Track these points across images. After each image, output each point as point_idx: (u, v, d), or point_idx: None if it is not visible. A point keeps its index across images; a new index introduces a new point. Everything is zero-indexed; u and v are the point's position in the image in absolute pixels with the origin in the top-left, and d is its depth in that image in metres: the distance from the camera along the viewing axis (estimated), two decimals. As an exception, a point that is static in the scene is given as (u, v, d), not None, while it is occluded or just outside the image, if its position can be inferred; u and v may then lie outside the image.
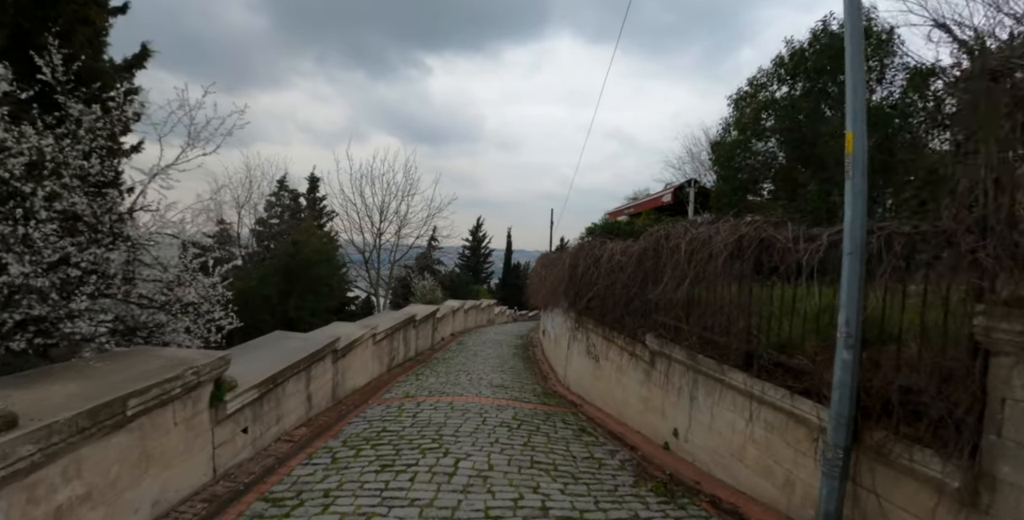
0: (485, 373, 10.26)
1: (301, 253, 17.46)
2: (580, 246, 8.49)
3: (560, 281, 10.12)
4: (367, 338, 8.71)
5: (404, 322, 11.32)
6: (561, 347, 10.78)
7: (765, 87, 10.06)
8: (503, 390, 8.36)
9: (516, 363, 12.48)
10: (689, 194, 10.80)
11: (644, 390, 6.29)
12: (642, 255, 5.91)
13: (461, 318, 20.64)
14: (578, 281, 8.29)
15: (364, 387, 8.55)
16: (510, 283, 54.62)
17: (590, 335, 8.29)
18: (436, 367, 11.06)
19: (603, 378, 7.69)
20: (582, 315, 8.47)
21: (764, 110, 9.78)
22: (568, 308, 9.44)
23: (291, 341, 6.63)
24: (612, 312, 7.02)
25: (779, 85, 9.79)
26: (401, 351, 11.35)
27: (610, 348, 7.29)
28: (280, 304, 17.14)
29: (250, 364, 5.37)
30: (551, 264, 13.04)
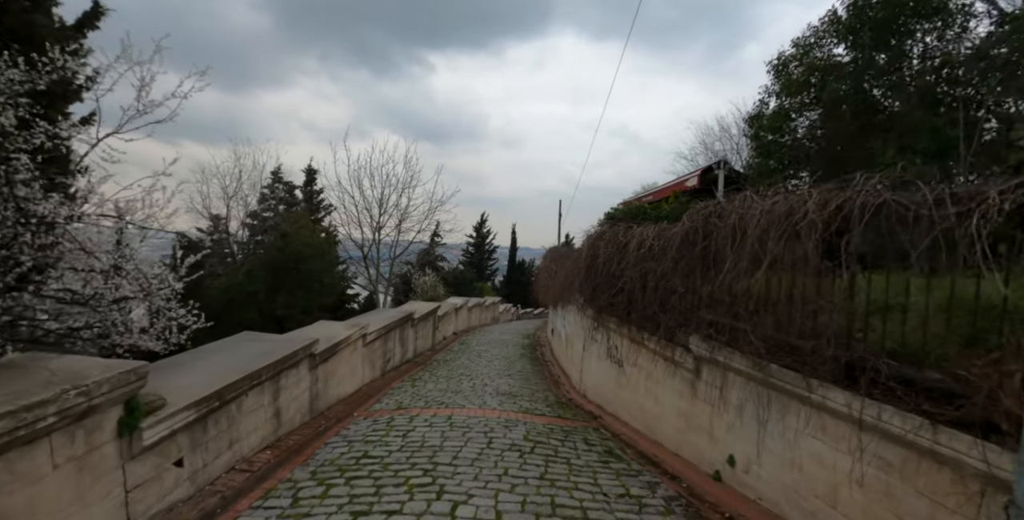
0: (490, 378, 9.14)
1: (291, 246, 16.24)
2: (599, 234, 7.35)
3: (574, 275, 8.98)
4: (355, 339, 7.59)
5: (400, 321, 10.20)
6: (575, 349, 9.64)
7: (815, 47, 8.83)
8: (511, 400, 7.23)
9: (524, 365, 11.35)
10: (718, 176, 9.66)
11: (685, 404, 5.15)
12: (685, 239, 4.76)
13: (464, 316, 19.52)
14: (598, 274, 7.15)
15: (352, 396, 7.44)
16: (515, 280, 53.49)
17: (611, 336, 7.15)
18: (436, 370, 9.95)
19: (628, 386, 6.56)
20: (602, 313, 7.33)
21: (816, 73, 8.54)
22: (584, 305, 8.30)
23: (258, 344, 5.52)
24: (641, 309, 5.88)
25: (836, 44, 8.54)
26: (397, 353, 10.24)
27: (638, 352, 6.15)
28: (268, 301, 15.97)
29: (196, 375, 4.26)
30: (562, 258, 11.91)
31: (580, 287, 8.18)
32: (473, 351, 13.12)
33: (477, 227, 53.10)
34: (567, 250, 11.55)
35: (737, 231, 3.91)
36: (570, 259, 10.27)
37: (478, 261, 52.19)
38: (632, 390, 6.46)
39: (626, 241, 6.35)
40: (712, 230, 4.39)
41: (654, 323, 5.69)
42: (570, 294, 9.94)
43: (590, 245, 7.45)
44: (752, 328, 3.98)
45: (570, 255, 11.05)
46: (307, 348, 5.67)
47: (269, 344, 5.52)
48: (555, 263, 12.07)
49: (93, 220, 5.85)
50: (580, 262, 7.97)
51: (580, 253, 8.20)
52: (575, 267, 8.62)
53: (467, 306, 19.90)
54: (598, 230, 7.45)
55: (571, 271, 9.39)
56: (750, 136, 10.47)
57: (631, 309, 6.24)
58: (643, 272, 5.77)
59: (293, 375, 5.48)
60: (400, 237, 24.45)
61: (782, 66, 9.37)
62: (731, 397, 4.39)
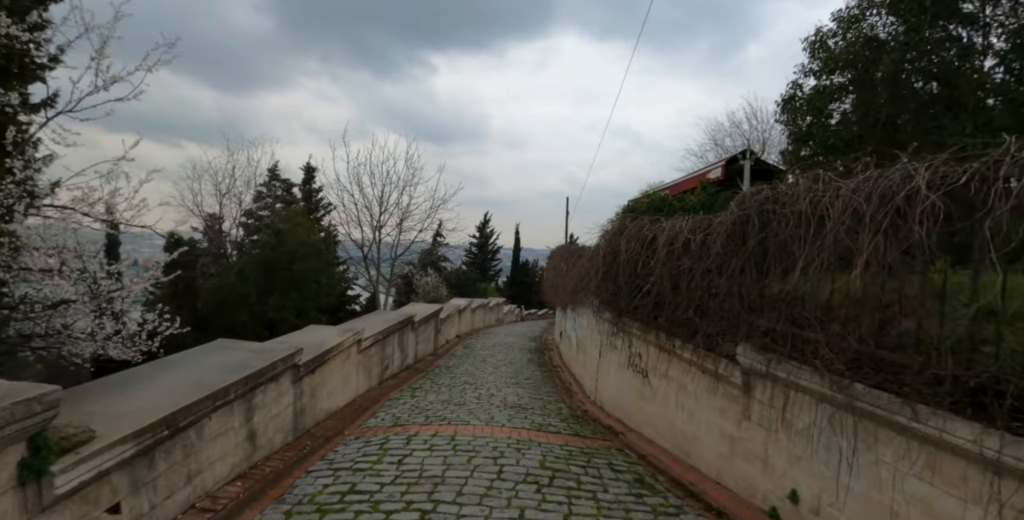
0: (497, 386, 8.39)
1: (284, 245, 15.38)
2: (618, 229, 6.58)
3: (589, 275, 8.22)
4: (348, 346, 6.85)
5: (400, 324, 9.46)
6: (589, 355, 8.88)
7: (859, 20, 8.02)
8: (521, 413, 6.48)
9: (532, 372, 10.59)
10: (744, 167, 8.90)
11: (729, 425, 4.38)
12: (733, 231, 3.99)
13: (468, 318, 18.78)
14: (618, 273, 6.39)
15: (344, 409, 6.70)
16: (519, 281, 52.70)
17: (634, 343, 6.39)
18: (438, 378, 9.20)
19: (656, 400, 5.79)
20: (622, 317, 6.56)
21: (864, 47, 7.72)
22: (601, 308, 7.54)
23: (231, 355, 4.78)
24: (673, 313, 5.11)
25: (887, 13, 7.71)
26: (396, 359, 9.50)
27: (669, 362, 5.38)
28: (259, 303, 15.15)
29: (145, 396, 3.53)
30: (572, 256, 11.14)
31: (596, 288, 7.42)
32: (478, 356, 12.38)
33: (480, 227, 52.33)
34: (578, 248, 10.80)
35: (811, 219, 3.15)
36: (583, 258, 9.51)
37: (481, 261, 51.41)
38: (660, 404, 5.70)
39: (652, 235, 5.58)
40: (770, 219, 3.62)
41: (689, 329, 4.93)
42: (583, 295, 9.18)
43: (608, 241, 6.69)
44: (826, 338, 3.21)
45: (582, 254, 10.29)
46: (289, 359, 4.93)
47: (244, 354, 4.77)
48: (565, 262, 11.31)
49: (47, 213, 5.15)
50: (596, 260, 7.21)
51: (596, 251, 7.45)
52: (590, 266, 7.86)
53: (471, 307, 19.16)
54: (617, 224, 6.69)
55: (585, 271, 8.63)
56: (783, 121, 9.68)
57: (659, 313, 5.48)
58: (675, 271, 5.00)
59: (272, 390, 4.73)
60: (401, 237, 23.67)
61: (820, 43, 8.55)
62: (795, 420, 3.62)
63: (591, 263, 7.85)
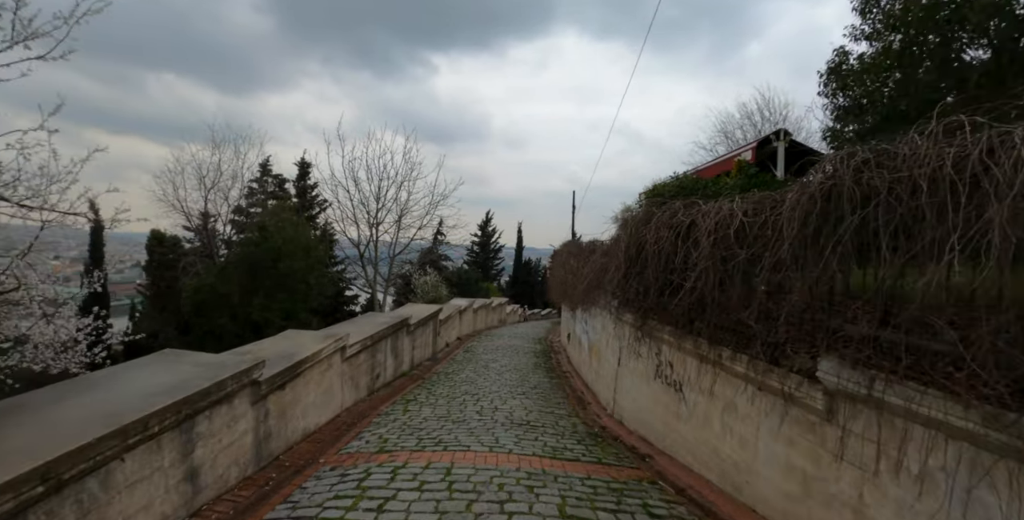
0: (501, 398, 7.45)
1: (269, 242, 14.32)
2: (644, 216, 5.63)
3: (605, 271, 7.27)
4: (329, 354, 5.92)
5: (393, 328, 8.52)
6: (605, 362, 7.93)
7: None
8: (531, 433, 5.54)
9: (539, 379, 9.65)
10: (777, 149, 7.96)
11: (803, 460, 3.43)
12: (816, 208, 3.03)
13: (469, 319, 17.85)
14: (644, 268, 5.44)
15: (325, 427, 5.77)
16: (521, 280, 51.77)
17: (664, 350, 5.44)
18: (436, 387, 8.26)
19: (693, 420, 4.84)
20: (649, 319, 5.61)
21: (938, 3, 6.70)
22: (620, 308, 6.59)
23: (172, 369, 3.83)
24: (720, 315, 4.16)
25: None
26: (389, 366, 8.56)
27: (713, 375, 4.43)
28: (242, 305, 14.13)
29: (26, 433, 2.59)
30: (584, 252, 10.20)
31: (615, 286, 6.46)
32: (480, 361, 11.43)
33: (482, 226, 51.38)
34: (590, 243, 9.85)
35: (957, 183, 2.19)
36: (596, 253, 8.56)
37: (483, 261, 50.46)
38: (698, 425, 4.74)
39: (690, 221, 4.63)
40: (877, 189, 2.66)
41: (741, 336, 3.98)
42: (597, 295, 8.23)
43: (632, 231, 5.73)
44: (974, 351, 2.26)
45: (595, 249, 9.35)
46: (244, 375, 3.98)
47: (187, 370, 3.83)
48: (575, 259, 10.36)
49: None
50: (616, 254, 6.26)
51: (615, 244, 6.49)
52: (608, 261, 6.90)
53: (472, 308, 18.22)
54: (642, 212, 5.73)
55: (600, 267, 7.67)
56: (828, 93, 8.66)
57: (699, 316, 4.53)
58: (724, 263, 4.05)
59: (221, 415, 3.79)
60: (400, 234, 22.62)
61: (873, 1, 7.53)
62: (910, 461, 2.67)
63: (608, 258, 6.89)
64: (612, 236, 6.83)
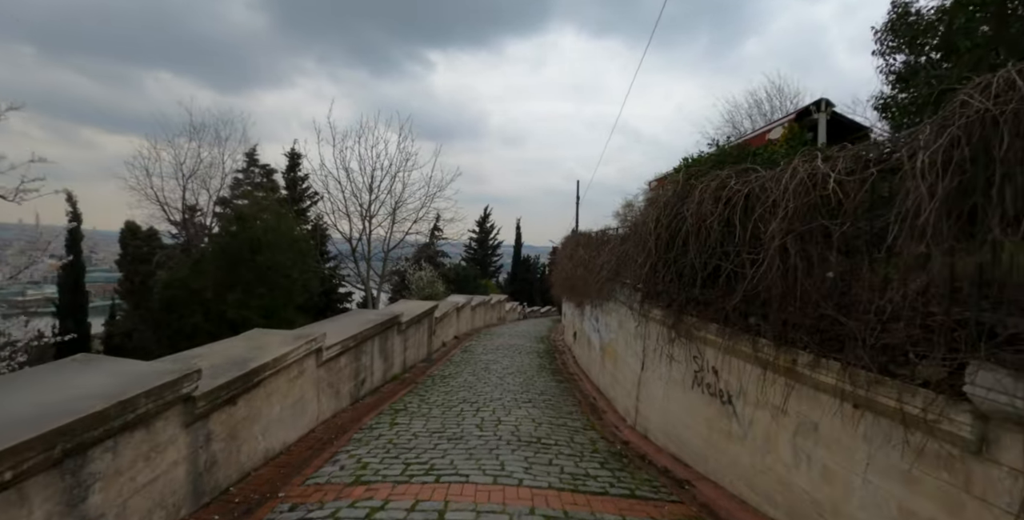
0: (505, 407, 6.49)
1: (247, 232, 13.14)
2: (680, 190, 4.64)
3: (624, 261, 6.30)
4: (300, 358, 4.94)
5: (381, 326, 7.54)
6: (623, 365, 6.96)
7: None
8: (543, 454, 4.58)
9: (546, 383, 8.69)
10: (818, 121, 7.04)
11: (932, 505, 2.49)
12: (962, 154, 2.06)
13: (467, 317, 16.88)
14: (681, 253, 4.47)
15: (295, 446, 4.80)
16: (520, 277, 50.82)
17: (707, 352, 4.47)
18: (429, 394, 7.30)
19: (749, 441, 3.88)
20: (686, 314, 4.64)
21: None
22: (646, 302, 5.61)
23: (74, 381, 2.85)
24: (793, 309, 3.20)
25: None
26: (377, 369, 7.58)
27: (786, 386, 3.45)
28: (217, 301, 13.00)
29: None
30: (594, 243, 9.23)
31: (640, 277, 5.49)
32: (479, 362, 10.46)
33: (480, 222, 50.33)
34: (601, 233, 8.88)
35: None
36: (610, 242, 7.60)
37: (481, 257, 49.44)
38: (759, 448, 3.78)
39: (747, 191, 3.66)
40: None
41: (828, 336, 3.01)
42: (612, 288, 7.27)
43: (664, 210, 4.75)
44: None
45: (606, 238, 8.38)
46: (167, 389, 2.99)
47: (97, 382, 2.85)
48: (586, 249, 9.39)
49: None
50: (642, 239, 5.28)
51: (640, 227, 5.50)
52: (629, 248, 5.92)
53: (470, 305, 17.26)
54: (678, 185, 4.73)
55: (616, 256, 6.70)
56: (885, 51, 7.65)
57: (761, 309, 3.57)
58: (802, 241, 3.08)
59: (134, 444, 2.81)
60: (395, 228, 21.50)
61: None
62: None
63: (630, 245, 5.92)
64: (634, 219, 5.87)
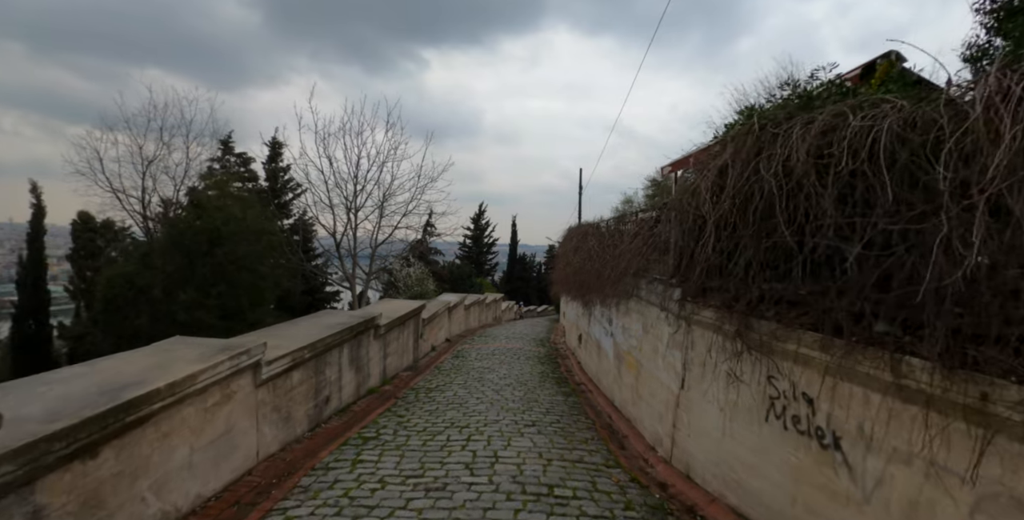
0: (503, 435, 5.17)
1: (203, 221, 11.49)
2: (753, 142, 3.32)
3: (654, 248, 4.98)
4: (223, 379, 3.60)
5: (352, 331, 6.19)
6: (651, 379, 5.62)
7: None
8: (559, 514, 3.24)
9: (550, 396, 7.37)
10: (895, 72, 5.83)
11: None
12: None
13: (461, 317, 15.54)
14: (753, 229, 3.16)
15: (210, 507, 3.45)
16: (516, 276, 49.50)
17: (794, 372, 3.14)
18: (410, 414, 5.97)
19: (876, 505, 2.56)
20: (754, 319, 3.31)
21: None
22: (690, 300, 4.27)
23: None
24: (993, 314, 1.90)
25: None
26: (348, 383, 6.23)
27: (971, 441, 2.13)
28: (167, 300, 11.36)
29: None
30: (609, 232, 7.92)
31: (680, 270, 4.16)
32: (472, 370, 9.12)
33: (475, 218, 48.90)
34: (618, 219, 7.57)
35: None
36: (633, 229, 6.29)
37: (476, 255, 48.03)
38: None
39: (874, 131, 2.34)
40: None
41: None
42: (634, 284, 5.94)
43: (732, 172, 3.42)
44: None
45: (624, 226, 7.07)
46: None
47: None
48: (596, 239, 8.06)
49: None
50: (687, 220, 3.96)
51: (683, 204, 4.18)
52: (672, 232, 4.59)
53: (464, 304, 15.91)
54: (747, 136, 3.41)
55: (647, 244, 5.38)
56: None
57: (902, 311, 2.26)
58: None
59: None
60: (384, 222, 19.92)
61: None
62: None
63: (674, 225, 4.60)
64: (679, 190, 4.54)
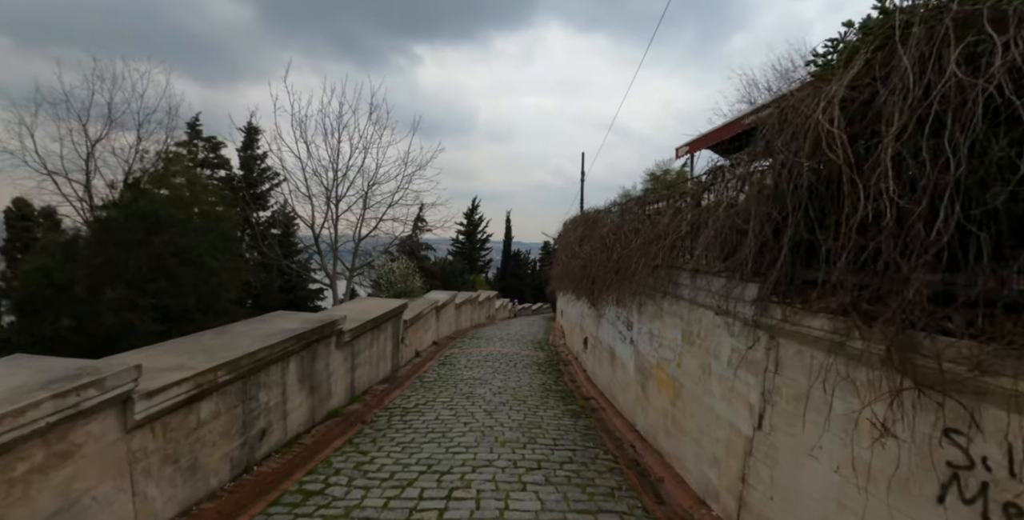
0: (496, 489, 3.78)
1: (141, 204, 9.96)
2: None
3: (695, 231, 3.60)
4: (40, 430, 2.15)
5: (297, 341, 4.77)
6: (700, 408, 4.23)
7: None
8: None
9: (556, 419, 5.99)
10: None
11: None
12: None
13: (451, 317, 14.13)
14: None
15: None
16: (511, 273, 48.11)
17: (1016, 427, 1.75)
18: (376, 453, 4.57)
19: None
20: (921, 335, 1.95)
21: None
22: (779, 304, 2.88)
23: None
24: None
25: None
26: (295, 408, 4.81)
27: None
28: (93, 300, 9.64)
29: None
30: (631, 215, 6.56)
31: (761, 260, 2.79)
32: (461, 381, 7.71)
33: (468, 214, 47.38)
34: (639, 199, 6.19)
35: None
36: (672, 208, 4.91)
37: (469, 252, 46.55)
38: None
39: None
40: None
41: None
42: (672, 278, 4.54)
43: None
44: None
45: (650, 206, 5.70)
46: None
47: None
48: (612, 225, 6.68)
49: None
50: (795, 172, 2.58)
51: (788, 150, 2.79)
52: (753, 199, 3.21)
53: (454, 303, 14.50)
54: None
55: (682, 223, 3.99)
56: None
57: None
58: None
59: None
60: (368, 213, 18.33)
61: None
62: None
63: (782, 179, 3.22)
64: (772, 130, 3.16)
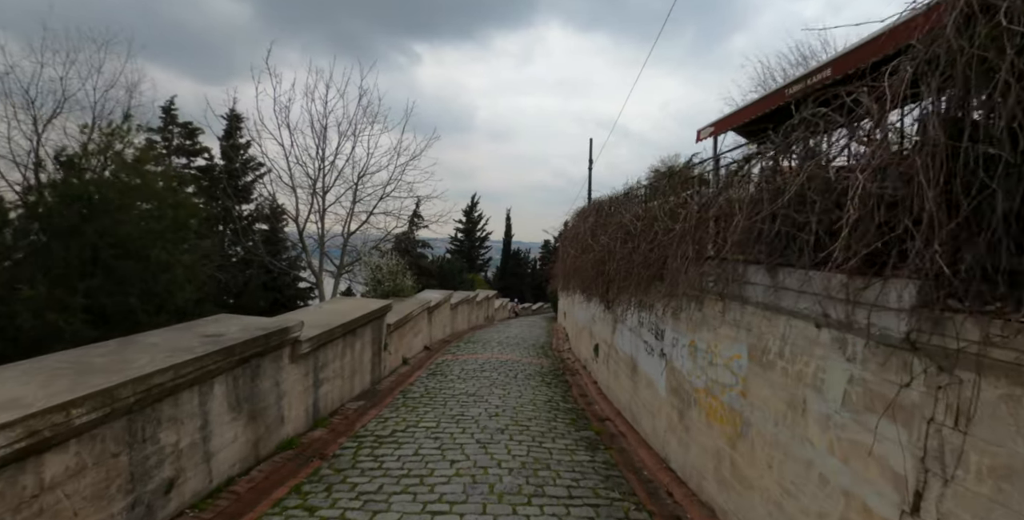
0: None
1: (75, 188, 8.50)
2: None
3: (790, 206, 2.38)
4: None
5: (221, 356, 3.54)
6: (789, 465, 3.01)
7: None
8: None
9: (570, 455, 4.79)
10: None
11: None
12: None
13: (445, 318, 12.92)
14: None
15: None
16: (510, 272, 46.92)
17: None
18: (328, 512, 3.34)
19: None
20: None
21: None
22: (971, 315, 1.69)
23: None
24: None
25: None
26: (226, 446, 3.59)
27: None
28: (9, 299, 8.26)
29: None
30: (676, 193, 5.33)
31: (950, 243, 1.61)
32: (452, 398, 6.49)
33: (467, 211, 46.14)
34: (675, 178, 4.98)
35: None
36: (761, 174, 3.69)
37: (468, 250, 45.34)
38: None
39: None
40: None
41: None
42: (734, 274, 3.33)
43: None
44: None
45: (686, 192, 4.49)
46: None
47: None
48: (638, 210, 5.46)
49: None
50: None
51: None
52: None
53: (449, 303, 13.28)
54: None
55: (760, 196, 2.77)
56: None
57: None
58: None
59: None
60: (358, 207, 16.99)
61: None
62: None
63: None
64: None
